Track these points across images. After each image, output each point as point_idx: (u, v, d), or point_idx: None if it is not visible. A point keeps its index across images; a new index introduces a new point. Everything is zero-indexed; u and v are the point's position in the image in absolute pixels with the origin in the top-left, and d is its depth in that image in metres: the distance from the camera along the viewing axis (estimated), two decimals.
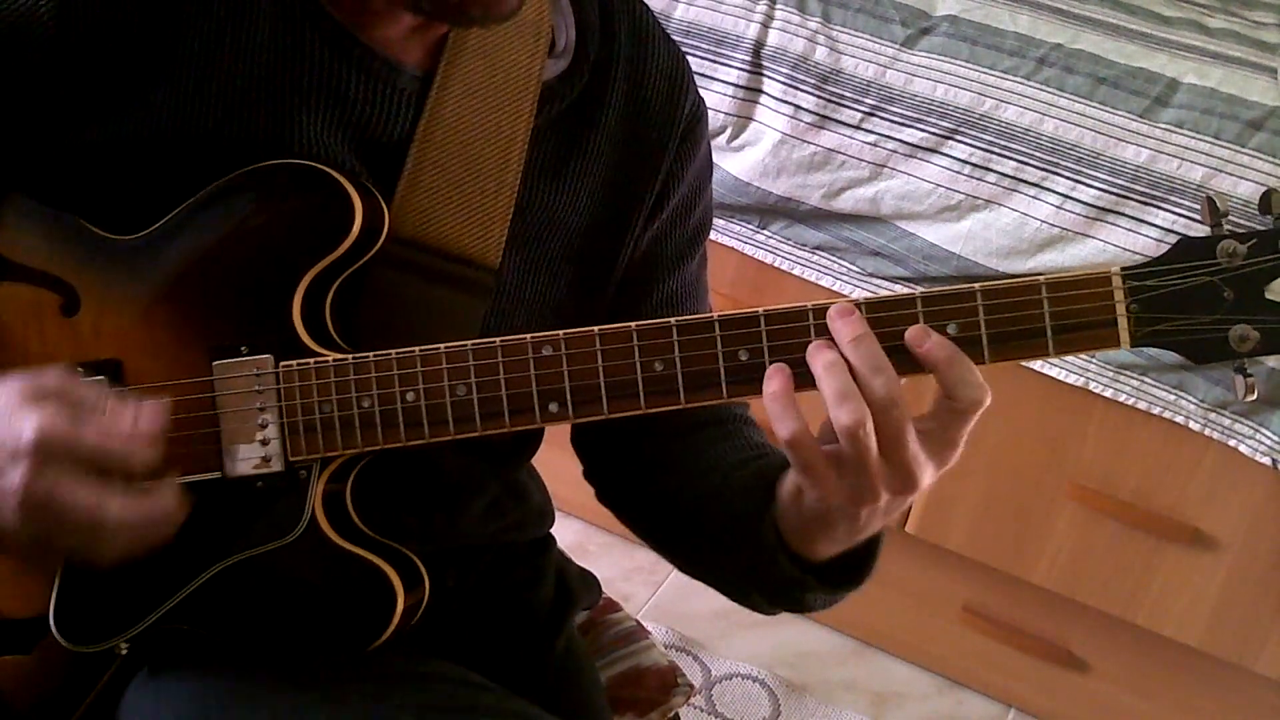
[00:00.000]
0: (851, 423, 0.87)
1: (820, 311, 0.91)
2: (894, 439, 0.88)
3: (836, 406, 0.88)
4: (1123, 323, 0.89)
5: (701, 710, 2.23)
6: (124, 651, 1.00)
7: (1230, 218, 0.90)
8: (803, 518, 0.98)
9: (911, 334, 0.90)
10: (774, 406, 0.90)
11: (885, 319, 0.90)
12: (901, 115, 1.95)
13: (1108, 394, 1.94)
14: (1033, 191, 1.90)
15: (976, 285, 0.89)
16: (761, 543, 1.01)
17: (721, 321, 0.93)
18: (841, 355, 0.89)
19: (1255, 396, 0.91)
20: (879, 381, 0.88)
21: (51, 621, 1.00)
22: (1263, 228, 0.88)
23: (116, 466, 0.89)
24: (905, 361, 0.90)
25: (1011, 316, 0.89)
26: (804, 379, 0.91)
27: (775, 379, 0.91)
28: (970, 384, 0.89)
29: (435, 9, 0.97)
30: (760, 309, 0.92)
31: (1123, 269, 0.89)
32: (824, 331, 0.91)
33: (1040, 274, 0.90)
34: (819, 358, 0.90)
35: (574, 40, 1.09)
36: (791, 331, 0.92)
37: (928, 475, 0.91)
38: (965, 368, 0.89)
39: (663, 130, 1.12)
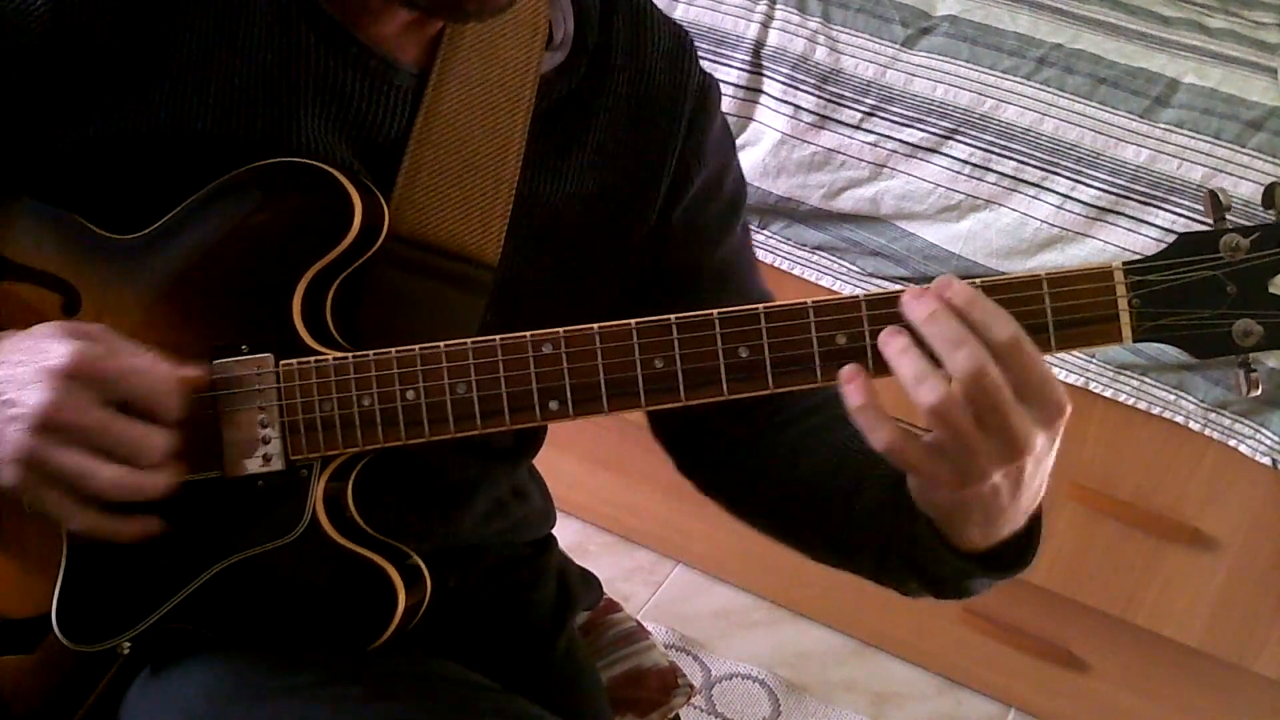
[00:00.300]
0: (934, 402, 0.85)
1: (820, 309, 0.91)
2: (991, 408, 0.85)
3: (915, 389, 0.86)
4: (1125, 318, 0.89)
5: (701, 710, 2.23)
6: (126, 651, 1.00)
7: (1231, 216, 0.90)
8: (938, 511, 0.95)
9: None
10: (862, 419, 0.89)
11: (886, 316, 0.90)
12: (901, 115, 1.95)
13: (1108, 394, 1.94)
14: (1033, 191, 1.90)
15: (978, 280, 0.89)
16: (918, 540, 0.98)
17: (721, 319, 0.92)
18: (914, 340, 0.88)
19: (1259, 392, 0.91)
20: (962, 354, 0.85)
21: (53, 621, 1.00)
22: (1266, 222, 0.88)
23: (145, 404, 0.91)
24: None
25: (1013, 312, 0.88)
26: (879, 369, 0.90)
27: (856, 393, 0.89)
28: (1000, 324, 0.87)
29: (430, 4, 0.97)
30: (760, 306, 0.92)
31: (1124, 263, 0.89)
32: (824, 328, 0.91)
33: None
34: (890, 345, 0.88)
35: (572, 31, 1.09)
36: (791, 329, 0.91)
37: (1038, 441, 0.88)
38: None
39: (668, 111, 1.11)
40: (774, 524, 1.16)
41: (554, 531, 1.33)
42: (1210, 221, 0.89)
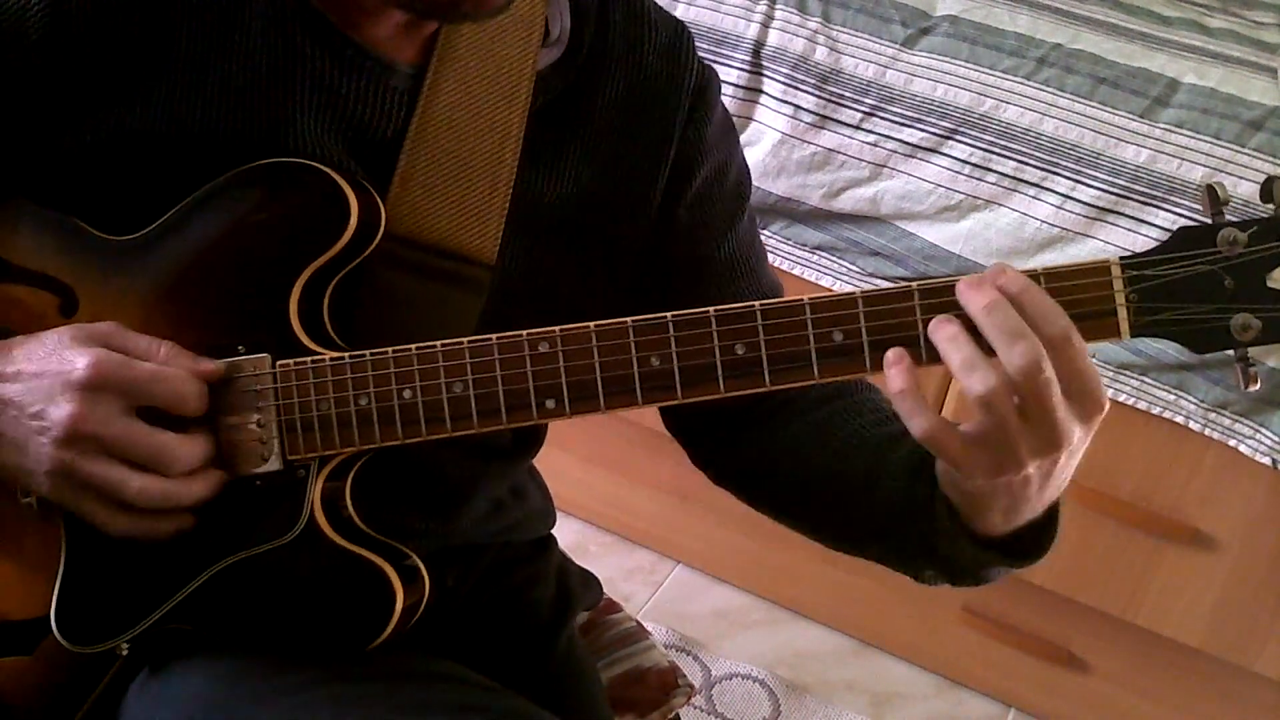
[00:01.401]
0: (985, 390, 0.85)
1: (815, 306, 0.91)
2: (1038, 402, 0.86)
3: (967, 376, 0.86)
4: (1122, 312, 0.89)
5: (701, 710, 2.23)
6: (125, 652, 1.00)
7: (1230, 214, 0.89)
8: (965, 498, 0.95)
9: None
10: (902, 405, 0.89)
11: (883, 312, 0.90)
12: (901, 115, 1.95)
13: (1108, 394, 1.94)
14: (1033, 191, 1.90)
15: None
16: (938, 527, 0.98)
17: (718, 316, 0.92)
18: (963, 328, 0.88)
19: (1258, 387, 0.91)
20: (1019, 348, 0.85)
21: (53, 622, 1.00)
22: (1263, 215, 0.88)
23: (169, 407, 0.93)
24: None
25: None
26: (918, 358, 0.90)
27: (899, 377, 0.89)
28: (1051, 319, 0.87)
29: (425, 7, 0.97)
30: (756, 303, 0.92)
31: (1122, 258, 0.89)
32: (820, 325, 0.91)
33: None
34: (940, 332, 0.88)
35: (569, 29, 1.09)
36: (788, 325, 0.91)
37: (1076, 434, 0.89)
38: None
39: (668, 103, 1.11)
40: (788, 512, 1.16)
41: (554, 531, 1.33)
42: (1208, 216, 0.89)
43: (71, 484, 0.93)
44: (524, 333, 0.94)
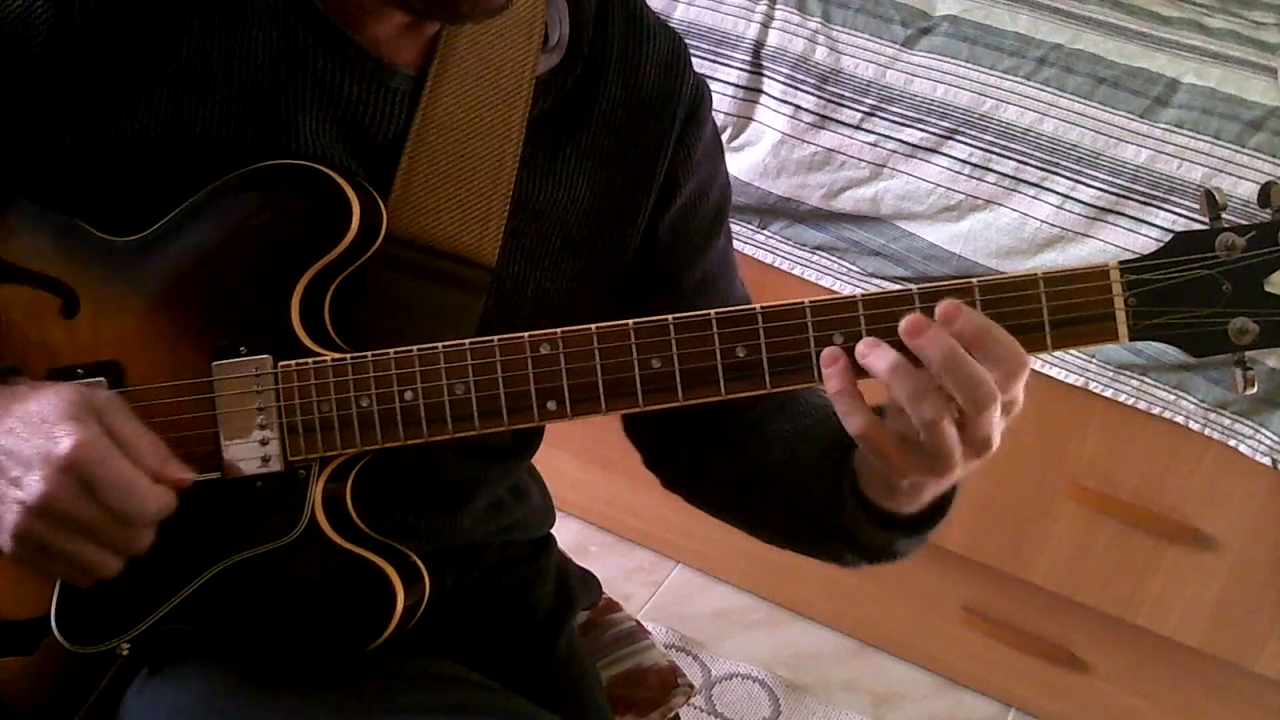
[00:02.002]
0: (935, 417, 0.87)
1: (817, 309, 0.91)
2: (984, 425, 0.88)
3: (916, 405, 0.87)
4: (1121, 316, 0.89)
5: (701, 710, 2.23)
6: (125, 652, 1.00)
7: (1228, 215, 0.90)
8: (885, 487, 0.97)
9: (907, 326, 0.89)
10: (840, 402, 0.90)
11: (883, 315, 0.90)
12: (901, 115, 1.94)
13: (1108, 394, 1.94)
14: (1033, 191, 1.90)
15: (974, 279, 0.89)
16: (847, 513, 1.00)
17: (719, 319, 0.93)
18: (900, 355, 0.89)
19: (1255, 390, 0.91)
20: (979, 392, 0.87)
21: (53, 622, 1.00)
22: (1261, 220, 0.88)
23: (126, 519, 0.91)
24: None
25: (1009, 311, 0.89)
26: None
27: (835, 377, 0.90)
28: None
29: (425, 7, 0.97)
30: (758, 306, 0.92)
31: (1121, 263, 0.89)
32: (821, 328, 0.91)
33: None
34: (878, 360, 0.89)
35: (568, 34, 1.09)
36: (788, 329, 0.92)
37: (999, 436, 0.90)
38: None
39: (662, 117, 1.11)
40: (729, 512, 1.18)
41: (554, 531, 1.34)
42: (1206, 221, 0.90)
43: (35, 553, 0.92)
44: (525, 334, 0.94)
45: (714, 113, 1.18)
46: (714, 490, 1.18)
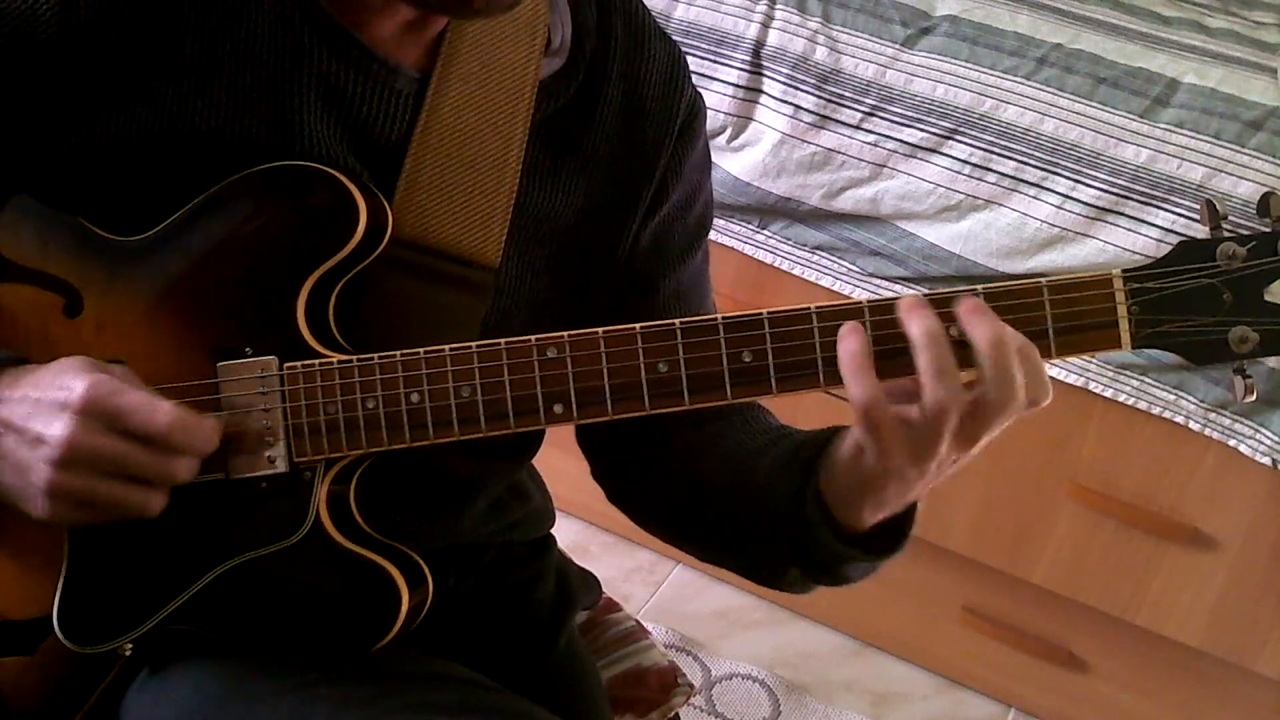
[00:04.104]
0: (946, 399, 0.87)
1: (823, 314, 0.92)
2: (984, 420, 0.88)
3: (934, 380, 0.87)
4: (1124, 324, 0.90)
5: (701, 710, 2.23)
6: (127, 652, 1.00)
7: (1230, 219, 0.90)
8: (856, 481, 0.95)
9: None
10: (850, 365, 0.90)
11: (889, 321, 0.91)
12: (901, 115, 1.95)
13: (1108, 394, 1.94)
14: (1033, 191, 1.90)
15: (979, 287, 0.90)
16: (805, 519, 0.99)
17: (725, 324, 0.93)
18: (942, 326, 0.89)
19: (1254, 398, 0.92)
20: (1013, 377, 0.87)
21: (55, 622, 1.00)
22: (1262, 230, 0.89)
23: (150, 433, 0.91)
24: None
25: (1014, 319, 0.89)
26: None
27: (851, 338, 0.90)
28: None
29: (438, 1, 0.97)
30: (764, 311, 0.92)
31: (1124, 271, 0.90)
32: (827, 334, 0.91)
33: (1040, 274, 0.90)
34: (918, 323, 0.89)
35: (570, 38, 1.09)
36: (795, 334, 0.92)
37: (986, 439, 0.91)
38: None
39: (659, 127, 1.12)
40: (668, 526, 1.18)
41: (554, 531, 1.34)
42: (1207, 230, 0.90)
43: (70, 505, 0.92)
44: (532, 338, 0.95)
45: (714, 113, 1.19)
46: (659, 502, 1.18)
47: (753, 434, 1.12)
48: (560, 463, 1.29)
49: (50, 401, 0.91)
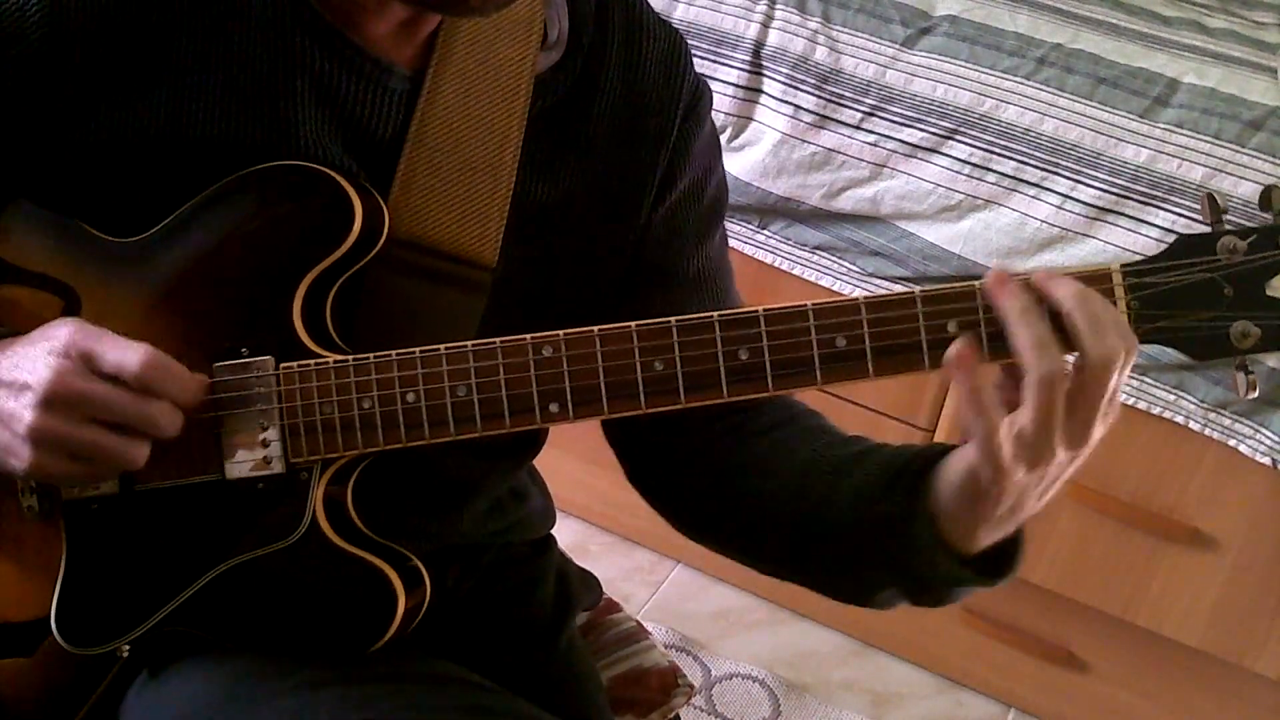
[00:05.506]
0: (1051, 371, 0.85)
1: (819, 311, 0.91)
2: (1093, 398, 0.86)
3: (1033, 352, 0.86)
4: (1123, 319, 0.89)
5: (701, 710, 2.23)
6: (125, 654, 1.00)
7: (1229, 217, 0.90)
8: (970, 503, 0.92)
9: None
10: (972, 404, 0.87)
11: (886, 319, 0.90)
12: (901, 115, 1.95)
13: None
14: (1033, 191, 1.90)
15: (976, 283, 0.89)
16: (915, 543, 0.96)
17: (721, 321, 0.92)
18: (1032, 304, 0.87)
19: (1256, 394, 0.91)
20: (1106, 340, 0.85)
21: (53, 624, 1.00)
22: (1263, 224, 0.88)
23: (126, 372, 0.92)
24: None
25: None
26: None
27: (966, 375, 0.87)
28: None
29: (435, 0, 0.97)
30: (760, 308, 0.92)
31: (1123, 266, 0.89)
32: (823, 330, 0.91)
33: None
34: (1011, 302, 0.87)
35: (567, 31, 1.08)
36: (791, 331, 0.91)
37: (1098, 435, 0.89)
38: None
39: (662, 115, 1.11)
40: (727, 537, 1.14)
41: (554, 531, 1.33)
42: (1207, 224, 0.90)
43: (54, 453, 0.92)
44: (528, 336, 0.94)
45: (714, 113, 1.18)
46: (719, 513, 1.14)
47: (829, 445, 1.09)
48: (560, 463, 1.29)
49: (35, 352, 0.92)
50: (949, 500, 0.94)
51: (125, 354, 0.91)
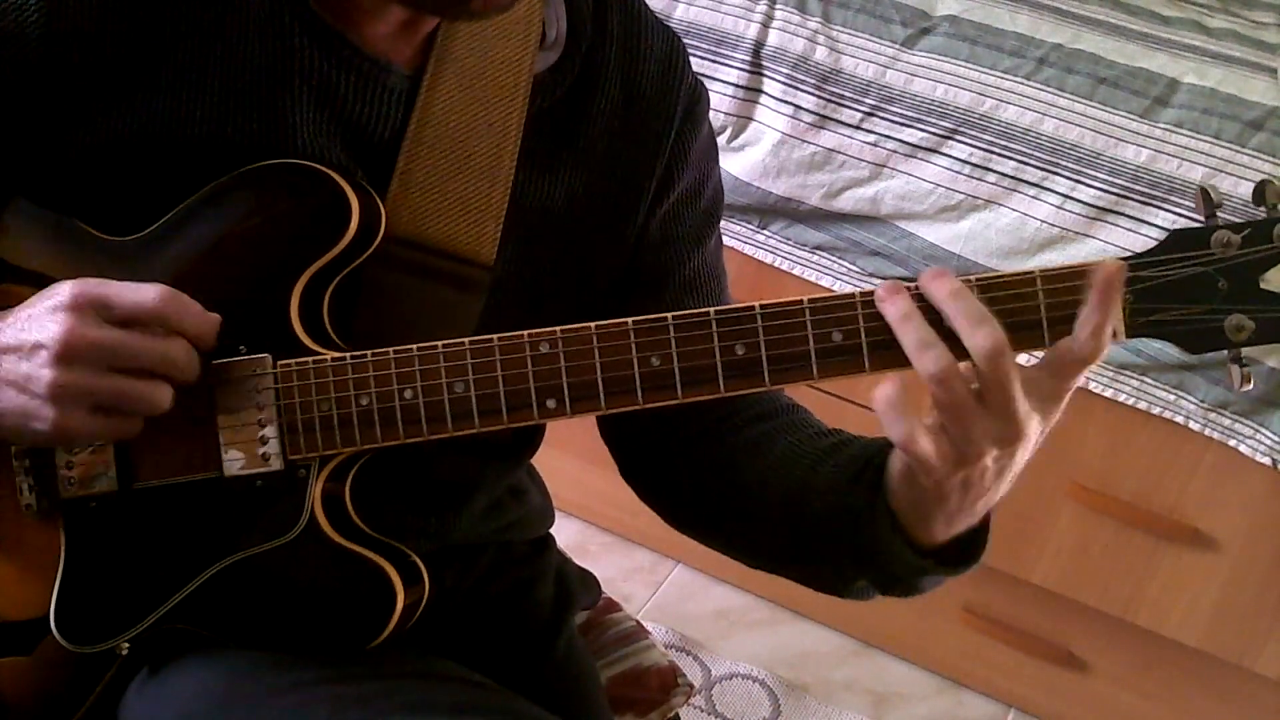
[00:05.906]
0: (938, 370, 0.87)
1: (815, 307, 0.91)
2: (1000, 387, 0.87)
3: (919, 355, 0.87)
4: (1118, 313, 0.89)
5: (701, 710, 2.23)
6: (124, 652, 1.00)
7: (1224, 213, 0.90)
8: (916, 498, 0.95)
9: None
10: (887, 412, 0.89)
11: (880, 313, 0.90)
12: (901, 115, 1.95)
13: (1108, 394, 1.94)
14: (1033, 191, 1.90)
15: (973, 277, 0.89)
16: (877, 534, 0.98)
17: (718, 317, 0.93)
18: (916, 306, 0.89)
19: (1251, 386, 0.91)
20: (983, 332, 0.86)
21: (52, 622, 1.00)
22: (1257, 218, 0.88)
23: (141, 312, 0.91)
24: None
25: (1008, 309, 0.89)
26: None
27: (890, 386, 0.89)
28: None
29: (434, 4, 0.97)
30: (756, 304, 0.92)
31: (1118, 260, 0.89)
32: (820, 326, 0.91)
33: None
34: (893, 308, 0.89)
35: (565, 32, 1.09)
36: (787, 326, 0.92)
37: (1034, 427, 0.90)
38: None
39: (660, 116, 1.12)
40: (715, 530, 1.16)
41: (554, 531, 1.33)
42: (1202, 219, 0.90)
43: (77, 408, 0.91)
44: (525, 333, 0.94)
45: (714, 113, 1.18)
46: (705, 507, 1.16)
47: (809, 438, 1.11)
48: (560, 462, 1.29)
49: (40, 312, 0.91)
50: (898, 497, 0.96)
51: (139, 293, 0.91)
